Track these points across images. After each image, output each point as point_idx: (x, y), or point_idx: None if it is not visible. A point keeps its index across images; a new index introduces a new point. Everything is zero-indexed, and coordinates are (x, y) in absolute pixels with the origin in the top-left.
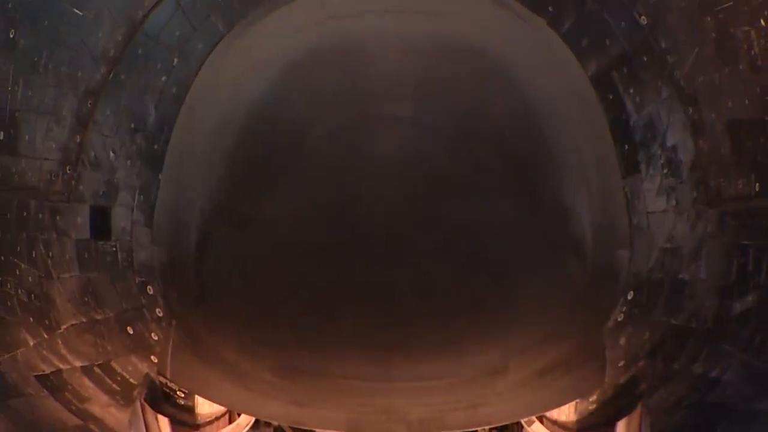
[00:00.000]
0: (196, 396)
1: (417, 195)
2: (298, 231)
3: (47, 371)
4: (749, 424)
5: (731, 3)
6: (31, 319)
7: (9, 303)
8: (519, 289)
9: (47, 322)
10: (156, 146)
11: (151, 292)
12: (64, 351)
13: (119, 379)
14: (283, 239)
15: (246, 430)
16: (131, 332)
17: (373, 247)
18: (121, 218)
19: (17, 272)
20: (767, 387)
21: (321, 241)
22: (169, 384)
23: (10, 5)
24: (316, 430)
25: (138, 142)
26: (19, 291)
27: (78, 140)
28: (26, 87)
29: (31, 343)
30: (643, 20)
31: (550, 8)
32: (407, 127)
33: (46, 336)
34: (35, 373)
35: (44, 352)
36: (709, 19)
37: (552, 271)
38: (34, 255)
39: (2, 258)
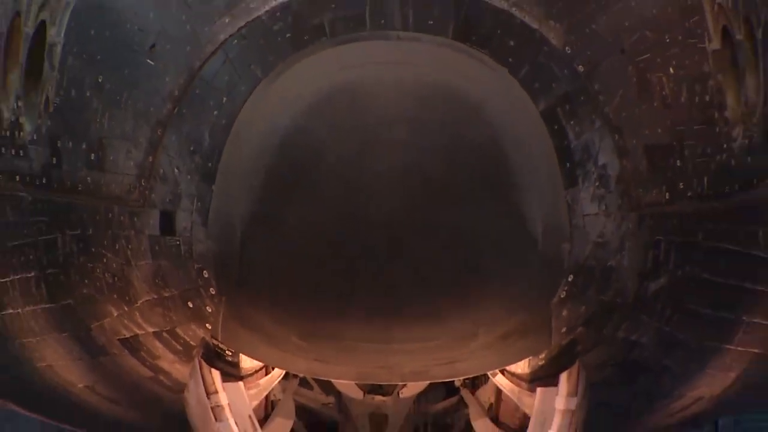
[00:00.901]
0: (241, 354)
1: (410, 202)
2: (318, 231)
3: (127, 336)
4: (660, 375)
5: (648, 55)
6: (115, 296)
7: (98, 284)
8: (488, 276)
9: (127, 299)
10: (209, 165)
11: (206, 276)
12: (140, 320)
13: (182, 341)
14: (306, 237)
15: (278, 380)
16: (191, 306)
17: (377, 243)
18: (183, 220)
19: (104, 260)
20: (674, 347)
21: (336, 239)
22: (220, 345)
23: (98, 57)
24: (333, 381)
25: (196, 161)
26: (106, 275)
27: (150, 160)
28: (111, 119)
29: (115, 314)
30: (581, 69)
31: (510, 60)
32: (402, 148)
33: (126, 309)
34: (118, 337)
35: (125, 321)
36: (630, 67)
37: (513, 262)
38: (117, 247)
39: (93, 250)
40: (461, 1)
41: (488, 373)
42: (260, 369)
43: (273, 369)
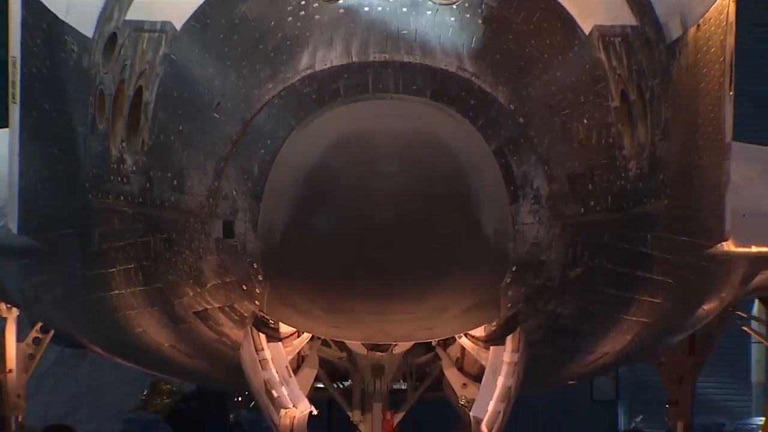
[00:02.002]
0: (280, 322)
1: (400, 215)
2: (335, 235)
3: (199, 309)
4: (577, 337)
5: (569, 110)
6: (191, 281)
7: (179, 272)
8: (455, 267)
9: (200, 283)
10: (258, 188)
11: (255, 267)
12: (208, 298)
13: (238, 313)
14: (326, 239)
15: (306, 341)
16: (244, 288)
17: (376, 243)
18: (239, 227)
19: (183, 256)
20: (587, 317)
21: (348, 241)
22: (265, 316)
23: (179, 112)
24: (347, 341)
25: (248, 186)
26: (184, 266)
27: (216, 185)
28: (188, 156)
29: (191, 294)
30: (521, 120)
31: (471, 114)
32: (394, 177)
33: (198, 290)
34: (193, 310)
35: (198, 299)
36: (556, 119)
37: (473, 257)
38: (192, 247)
39: (176, 248)
40: (435, 73)
41: (455, 336)
42: (293, 333)
43: (302, 333)
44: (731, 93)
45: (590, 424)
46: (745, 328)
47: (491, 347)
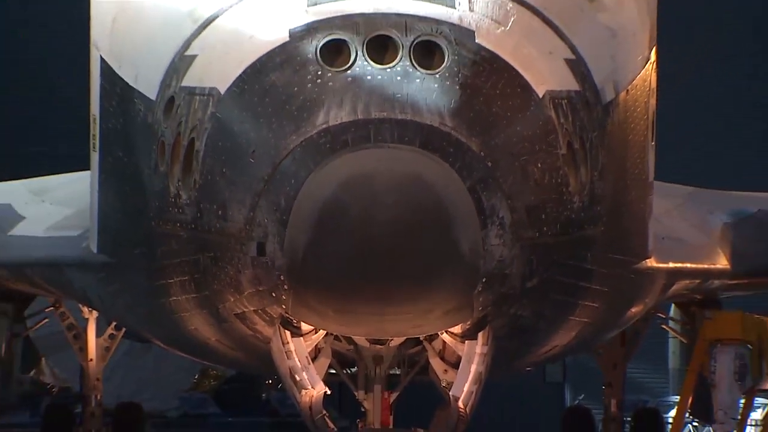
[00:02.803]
0: (301, 322)
1: (395, 237)
2: (344, 254)
3: (238, 312)
4: (533, 334)
5: (526, 156)
6: (231, 290)
7: (222, 283)
8: (439, 279)
9: (238, 291)
10: (284, 217)
11: (282, 278)
12: (246, 303)
13: (269, 315)
14: (337, 257)
15: (322, 336)
16: (274, 295)
17: (377, 260)
18: (270, 247)
19: (226, 270)
20: (541, 318)
21: (354, 258)
22: (290, 317)
23: (222, 158)
24: (353, 337)
25: (277, 216)
26: (226, 278)
27: (251, 215)
28: (230, 192)
29: (232, 300)
30: (489, 164)
31: (450, 159)
32: (391, 207)
33: (238, 296)
34: (234, 313)
35: (237, 303)
36: (516, 163)
37: (452, 271)
38: (232, 263)
39: (220, 264)
40: (422, 127)
41: (438, 332)
42: (312, 330)
43: (319, 330)
44: (653, 143)
45: (543, 401)
46: (664, 327)
47: (466, 341)
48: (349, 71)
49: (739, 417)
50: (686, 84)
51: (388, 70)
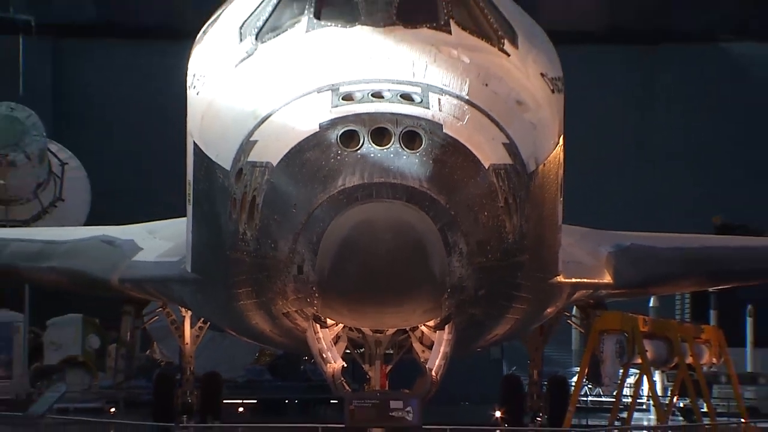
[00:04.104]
0: (327, 317)
1: (391, 262)
2: (355, 273)
3: (285, 311)
4: (482, 326)
5: (477, 208)
6: (279, 297)
7: (273, 292)
8: (419, 290)
9: (284, 297)
10: (315, 248)
11: (314, 289)
12: (289, 306)
13: (305, 314)
14: (350, 275)
15: (340, 327)
16: (308, 300)
17: (377, 277)
18: (305, 268)
19: (275, 283)
20: (488, 316)
21: (362, 275)
22: (319, 314)
23: (273, 208)
24: (362, 328)
25: (310, 247)
26: (275, 288)
27: (293, 247)
28: (279, 232)
29: (280, 304)
30: (452, 213)
31: (426, 209)
32: (388, 242)
33: (284, 301)
34: (282, 312)
35: (283, 306)
36: (470, 213)
37: (428, 284)
38: (281, 279)
39: (271, 279)
40: (408, 188)
41: (419, 325)
42: (334, 323)
43: (338, 324)
44: (561, 199)
45: (487, 372)
46: (569, 321)
47: (437, 331)
48: (358, 151)
49: (619, 382)
50: (583, 163)
51: (385, 150)
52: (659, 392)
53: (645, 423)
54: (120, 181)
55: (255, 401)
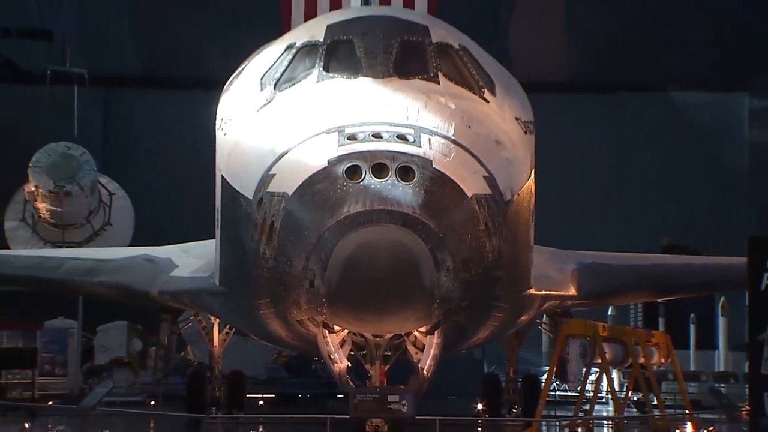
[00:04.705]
0: (334, 324)
1: (389, 276)
2: (357, 285)
3: (299, 319)
4: (466, 331)
5: (461, 231)
6: (294, 306)
7: (289, 302)
8: (413, 300)
9: (298, 307)
10: (325, 265)
11: (323, 300)
12: (303, 314)
13: (316, 321)
14: (354, 287)
15: (346, 332)
16: (318, 310)
17: (377, 289)
18: (316, 282)
19: (291, 295)
20: (472, 323)
21: (363, 287)
22: (327, 322)
23: (289, 230)
24: (364, 333)
25: (320, 264)
26: (291, 299)
27: (306, 264)
28: (293, 251)
29: (295, 312)
30: (440, 235)
31: (418, 232)
32: (386, 259)
33: (298, 310)
34: (296, 320)
35: (298, 314)
36: (456, 236)
37: (421, 296)
38: (296, 291)
39: (288, 291)
40: (403, 214)
41: (412, 331)
42: (340, 329)
43: (344, 329)
44: (533, 223)
45: (470, 370)
46: (540, 327)
47: (428, 336)
48: (361, 183)
49: (582, 379)
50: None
51: (383, 182)
52: (616, 387)
53: (604, 414)
54: (159, 208)
55: (273, 395)
